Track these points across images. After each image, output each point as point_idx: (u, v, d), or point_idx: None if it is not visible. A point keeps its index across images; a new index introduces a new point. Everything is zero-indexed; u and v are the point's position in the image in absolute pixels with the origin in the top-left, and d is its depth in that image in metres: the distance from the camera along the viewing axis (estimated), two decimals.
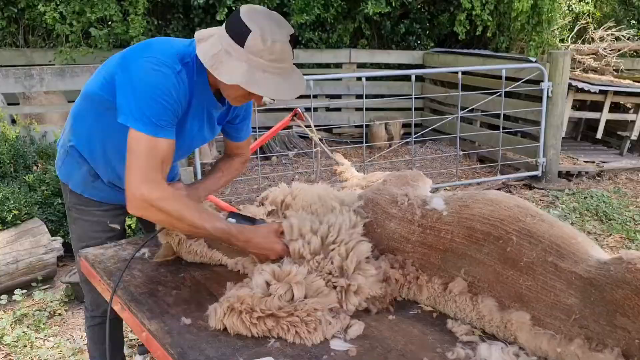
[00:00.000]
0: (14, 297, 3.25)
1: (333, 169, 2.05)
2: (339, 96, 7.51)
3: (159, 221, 1.67)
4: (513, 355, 1.36)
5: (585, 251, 1.42)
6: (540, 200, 5.41)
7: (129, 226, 3.45)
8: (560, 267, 1.39)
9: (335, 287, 1.52)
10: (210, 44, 1.60)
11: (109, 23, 6.08)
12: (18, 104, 5.09)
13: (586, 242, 1.47)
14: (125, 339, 2.55)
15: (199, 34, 1.67)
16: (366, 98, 6.99)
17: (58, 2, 5.31)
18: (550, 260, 1.41)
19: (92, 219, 2.00)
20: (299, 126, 3.55)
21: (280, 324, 1.43)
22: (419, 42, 8.21)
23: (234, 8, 6.74)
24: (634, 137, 6.99)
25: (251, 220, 1.77)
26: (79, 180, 1.94)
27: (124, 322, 2.06)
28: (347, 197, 1.85)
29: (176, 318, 1.53)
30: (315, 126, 6.94)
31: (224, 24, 1.63)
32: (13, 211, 3.47)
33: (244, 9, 1.60)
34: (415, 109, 7.69)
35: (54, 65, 5.47)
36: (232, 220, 1.73)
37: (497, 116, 5.89)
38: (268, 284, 1.51)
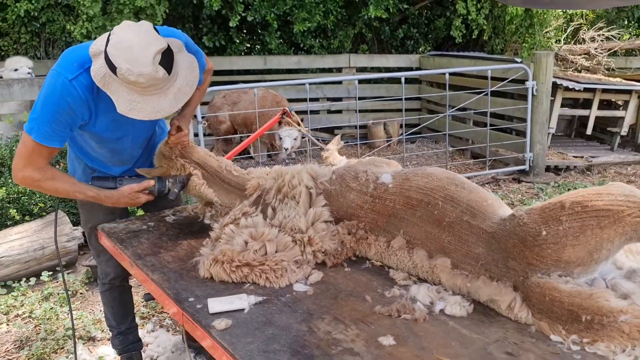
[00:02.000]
0: (41, 279, 3.67)
1: (321, 155, 2.40)
2: (340, 99, 7.89)
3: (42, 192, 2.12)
4: (435, 292, 1.73)
5: (493, 210, 1.78)
6: (526, 192, 5.73)
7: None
8: (472, 224, 1.75)
9: (296, 242, 1.90)
10: (98, 64, 1.81)
11: None
12: None
13: (496, 203, 1.83)
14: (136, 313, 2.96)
15: (93, 47, 1.85)
16: (365, 100, 7.38)
17: (85, 19, 5.76)
18: (466, 219, 1.77)
19: (95, 203, 2.27)
20: (289, 123, 3.95)
21: (254, 272, 1.81)
22: (417, 46, 8.57)
23: (245, 16, 7.13)
24: (623, 133, 7.27)
25: (112, 181, 2.18)
26: (81, 172, 2.33)
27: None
28: (320, 171, 2.21)
29: (173, 270, 1.93)
30: (317, 128, 7.35)
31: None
32: (39, 204, 3.91)
33: (112, 40, 1.77)
34: (413, 109, 8.09)
35: None
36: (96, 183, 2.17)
37: (491, 114, 6.22)
38: (246, 242, 1.90)
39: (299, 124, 3.79)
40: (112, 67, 1.77)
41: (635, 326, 1.38)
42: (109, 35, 1.82)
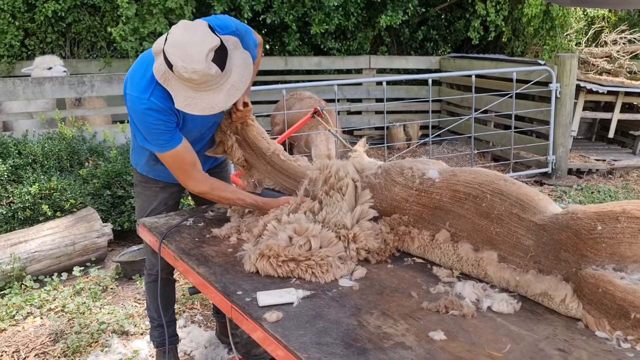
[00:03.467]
0: (72, 274, 3.73)
1: (349, 156, 2.44)
2: (359, 100, 7.91)
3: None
4: (481, 289, 1.74)
5: (544, 206, 1.79)
6: (549, 195, 5.71)
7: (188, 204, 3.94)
8: (522, 217, 1.77)
9: (340, 238, 1.93)
10: (159, 62, 1.94)
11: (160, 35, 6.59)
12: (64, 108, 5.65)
13: (545, 200, 1.84)
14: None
15: (155, 46, 1.97)
16: (388, 102, 7.40)
17: (125, 22, 5.85)
18: (515, 212, 1.78)
19: (152, 193, 2.49)
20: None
21: (300, 267, 1.84)
22: (436, 48, 8.56)
23: (258, 19, 7.21)
24: None
25: (278, 192, 2.24)
26: (144, 163, 2.42)
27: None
28: (366, 164, 2.25)
29: (218, 264, 1.96)
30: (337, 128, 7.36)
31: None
32: (70, 200, 3.97)
33: (169, 39, 1.87)
34: (433, 111, 8.07)
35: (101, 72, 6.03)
36: (266, 192, 2.30)
37: (510, 116, 6.21)
38: (291, 238, 1.93)
39: (330, 124, 3.83)
40: (169, 65, 1.87)
41: None
42: (167, 34, 1.90)
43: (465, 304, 1.65)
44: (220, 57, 1.89)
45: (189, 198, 3.65)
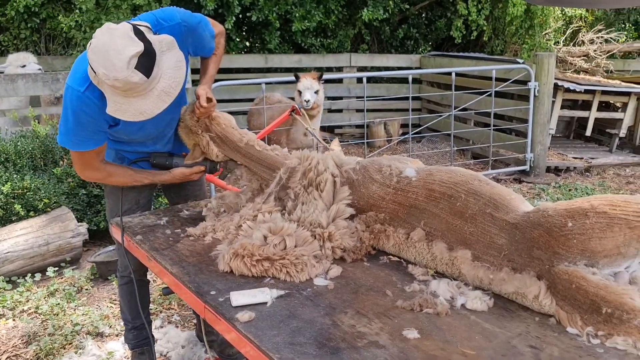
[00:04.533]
0: (46, 274, 3.66)
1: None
2: (340, 98, 7.91)
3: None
4: (456, 287, 1.74)
5: (516, 205, 1.79)
6: (527, 192, 5.77)
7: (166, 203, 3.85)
8: (495, 216, 1.77)
9: (315, 237, 1.91)
10: (90, 67, 1.87)
11: None
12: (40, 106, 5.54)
13: (518, 199, 1.85)
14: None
15: (89, 49, 1.88)
16: (367, 99, 7.40)
17: (78, 13, 5.75)
18: (488, 212, 1.78)
19: (120, 193, 2.40)
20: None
21: (274, 266, 1.82)
22: (416, 46, 8.59)
23: (241, 16, 7.17)
24: (622, 135, 7.34)
25: (169, 158, 2.35)
26: (112, 160, 2.34)
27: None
28: (345, 159, 2.23)
29: (192, 264, 1.93)
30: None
31: None
32: (44, 200, 3.90)
33: (91, 44, 1.83)
34: (413, 109, 8.11)
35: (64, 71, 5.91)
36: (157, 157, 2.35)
37: (490, 115, 6.26)
38: (265, 237, 1.91)
39: (307, 122, 3.81)
40: (94, 71, 1.82)
41: None
42: (93, 37, 1.86)
43: (439, 302, 1.65)
44: (146, 63, 1.82)
45: (164, 197, 3.60)
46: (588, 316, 1.49)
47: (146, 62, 1.83)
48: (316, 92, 4.39)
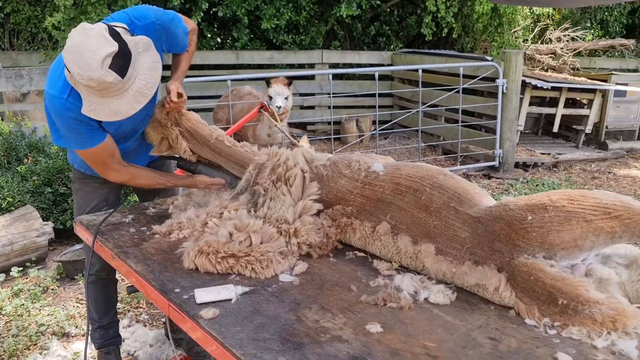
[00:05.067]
0: (10, 275, 3.58)
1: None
2: (312, 94, 7.91)
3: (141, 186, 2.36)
4: (419, 281, 1.77)
5: (479, 199, 1.83)
6: (496, 188, 5.86)
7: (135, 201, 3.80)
8: (459, 210, 1.80)
9: (281, 233, 1.91)
10: (66, 67, 1.88)
11: None
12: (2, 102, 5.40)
13: (482, 193, 1.88)
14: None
15: (64, 49, 1.88)
16: (338, 96, 7.43)
17: (57, 11, 5.63)
18: (452, 205, 1.81)
19: (91, 189, 2.41)
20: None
21: (240, 263, 1.82)
22: (388, 43, 8.65)
23: (212, 10, 7.11)
24: (588, 131, 7.52)
25: (211, 168, 2.36)
26: (80, 160, 2.32)
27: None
28: (316, 155, 2.25)
29: (157, 262, 1.91)
30: (290, 123, 7.35)
31: None
32: (7, 198, 3.81)
33: (66, 44, 1.82)
34: (385, 106, 8.17)
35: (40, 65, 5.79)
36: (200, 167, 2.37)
37: (462, 111, 6.34)
38: (231, 234, 1.90)
39: (276, 119, 3.80)
40: (69, 71, 1.83)
41: (608, 317, 1.45)
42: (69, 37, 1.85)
43: (403, 296, 1.67)
44: (121, 63, 1.82)
45: (134, 195, 3.56)
46: (545, 307, 1.53)
47: (121, 62, 1.83)
48: (286, 98, 4.53)
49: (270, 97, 4.67)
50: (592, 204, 1.57)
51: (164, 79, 2.26)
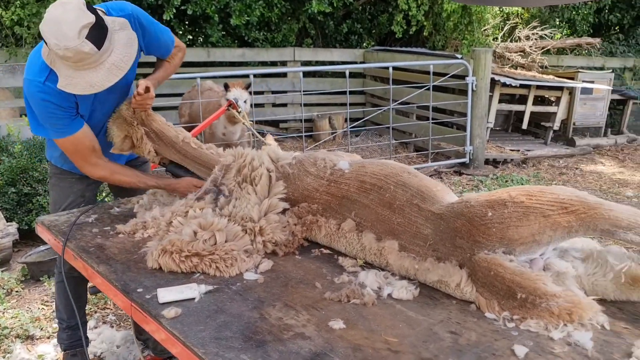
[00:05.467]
0: None
1: (262, 149, 2.42)
2: (285, 92, 7.89)
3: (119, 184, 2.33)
4: (383, 277, 1.78)
5: (441, 196, 1.85)
6: (466, 184, 5.94)
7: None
8: (421, 207, 1.82)
9: (246, 232, 1.91)
10: (45, 46, 1.93)
11: None
12: None
13: (444, 190, 1.91)
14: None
15: (42, 23, 1.92)
16: (310, 94, 7.43)
17: (17, 5, 5.50)
18: (415, 203, 1.83)
19: (67, 185, 2.40)
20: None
21: (204, 261, 1.81)
22: (361, 41, 8.68)
23: (182, 8, 7.04)
24: (556, 127, 7.67)
25: (184, 171, 2.33)
26: (58, 156, 2.32)
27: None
28: (281, 154, 2.25)
29: (120, 262, 1.89)
30: (262, 121, 7.33)
31: None
32: None
33: (45, 17, 1.87)
34: (358, 103, 8.20)
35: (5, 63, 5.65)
36: (173, 168, 2.35)
37: (433, 108, 6.40)
38: (195, 233, 1.89)
39: (244, 117, 3.79)
40: (47, 44, 1.85)
41: (564, 309, 1.49)
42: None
43: (366, 292, 1.68)
44: (97, 35, 1.86)
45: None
46: (505, 301, 1.56)
47: (97, 34, 1.87)
48: (245, 102, 4.59)
49: (237, 100, 4.65)
50: (549, 199, 1.61)
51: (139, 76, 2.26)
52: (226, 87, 4.67)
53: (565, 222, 1.58)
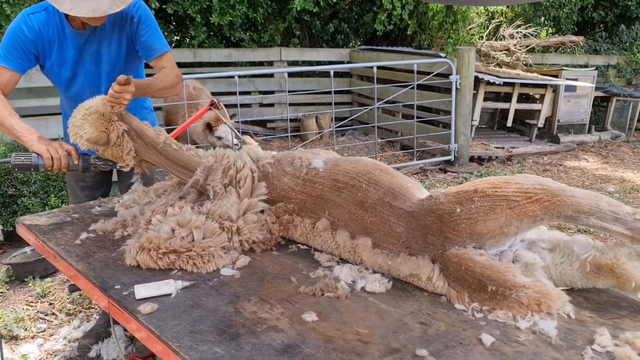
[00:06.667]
0: None
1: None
2: (272, 92, 7.92)
3: None
4: (357, 271, 1.82)
5: (412, 193, 1.89)
6: (451, 181, 6.00)
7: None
8: (393, 205, 1.85)
9: (224, 229, 1.94)
10: None
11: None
12: None
13: (415, 186, 1.94)
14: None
15: None
16: (297, 93, 7.46)
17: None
18: (387, 201, 1.87)
19: (77, 184, 2.65)
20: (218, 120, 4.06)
21: (181, 258, 1.83)
22: (347, 40, 8.72)
23: (162, 7, 7.03)
24: (540, 125, 7.75)
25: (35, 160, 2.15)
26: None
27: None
28: (263, 154, 2.27)
29: (99, 260, 1.91)
30: (249, 121, 7.35)
31: None
32: None
33: None
34: (344, 103, 8.24)
35: None
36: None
37: (418, 107, 6.45)
38: (173, 230, 1.91)
39: (226, 116, 3.80)
40: None
41: (533, 299, 1.54)
42: None
43: (340, 286, 1.72)
44: None
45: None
46: (476, 294, 1.60)
47: None
48: (233, 135, 4.69)
49: (221, 138, 4.96)
50: (514, 189, 1.65)
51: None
52: (209, 127, 4.81)
53: (530, 212, 1.62)
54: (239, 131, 4.87)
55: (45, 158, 2.08)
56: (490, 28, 9.19)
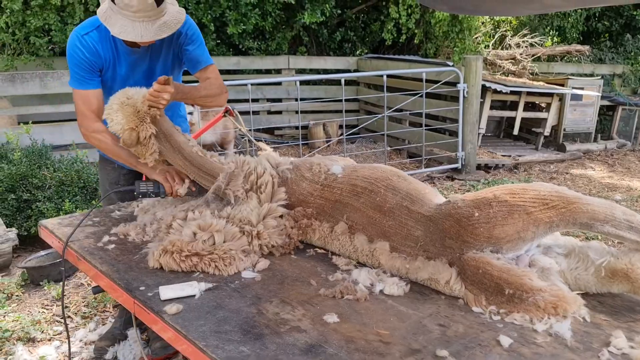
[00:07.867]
0: None
1: (258, 155, 2.48)
2: (279, 100, 7.98)
3: (98, 147, 2.46)
4: (375, 274, 1.86)
5: (430, 199, 1.94)
6: (458, 189, 6.03)
7: None
8: (411, 209, 1.90)
9: (244, 233, 1.98)
10: (103, 6, 2.22)
11: (49, 32, 6.42)
12: None
13: (432, 192, 1.99)
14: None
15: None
16: (305, 101, 7.52)
17: (8, 14, 5.60)
18: (405, 205, 1.91)
19: (104, 172, 2.72)
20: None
21: (203, 261, 1.88)
22: (354, 49, 8.79)
23: None
24: (546, 133, 7.78)
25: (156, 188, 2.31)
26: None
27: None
28: (282, 160, 2.32)
29: (122, 262, 1.96)
30: (258, 129, 7.41)
31: None
32: None
33: None
34: (352, 110, 8.30)
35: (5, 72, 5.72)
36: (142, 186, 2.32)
37: (426, 115, 6.50)
38: (195, 234, 1.96)
39: (241, 124, 3.87)
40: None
41: (549, 303, 1.57)
42: None
43: (359, 288, 1.76)
44: None
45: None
46: (493, 297, 1.64)
47: None
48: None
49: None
50: (531, 196, 1.69)
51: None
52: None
53: (546, 218, 1.66)
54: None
55: (166, 187, 2.30)
56: (496, 37, 9.25)
